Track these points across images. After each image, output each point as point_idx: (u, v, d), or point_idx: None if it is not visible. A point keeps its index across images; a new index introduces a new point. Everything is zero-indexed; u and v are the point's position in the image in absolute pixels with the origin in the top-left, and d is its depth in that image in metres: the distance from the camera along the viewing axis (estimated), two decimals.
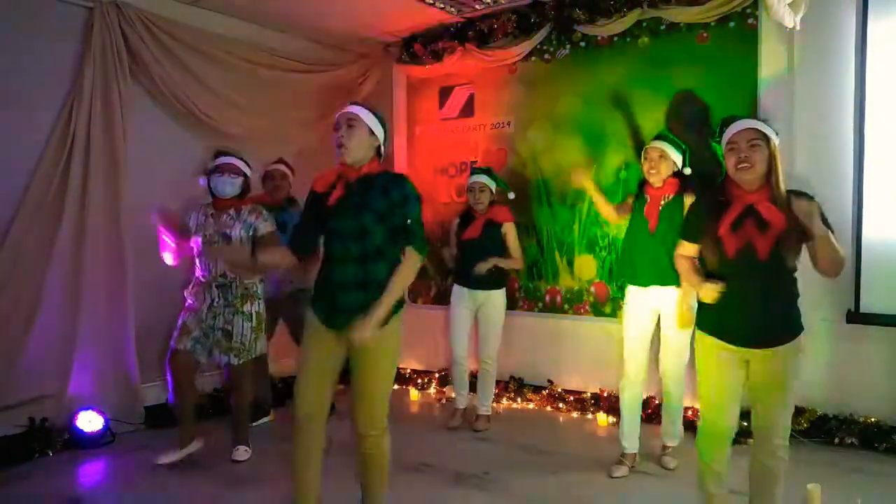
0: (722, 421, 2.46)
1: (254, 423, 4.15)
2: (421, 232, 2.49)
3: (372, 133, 2.51)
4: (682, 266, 2.59)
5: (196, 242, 3.59)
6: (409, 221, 2.45)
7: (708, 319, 2.49)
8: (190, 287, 3.69)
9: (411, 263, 2.47)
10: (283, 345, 4.51)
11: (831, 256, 2.27)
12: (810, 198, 2.35)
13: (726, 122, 2.46)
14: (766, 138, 2.34)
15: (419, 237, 2.48)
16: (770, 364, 2.37)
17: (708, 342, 2.47)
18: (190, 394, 3.63)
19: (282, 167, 4.48)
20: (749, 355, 2.40)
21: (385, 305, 2.40)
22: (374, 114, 2.54)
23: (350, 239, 2.44)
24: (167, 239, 3.51)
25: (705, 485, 2.53)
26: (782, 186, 2.34)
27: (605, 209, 3.77)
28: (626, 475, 3.46)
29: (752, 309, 2.36)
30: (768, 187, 2.34)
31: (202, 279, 3.61)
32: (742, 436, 2.79)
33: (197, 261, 3.63)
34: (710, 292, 2.36)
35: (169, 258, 3.57)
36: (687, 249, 2.58)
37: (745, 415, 2.57)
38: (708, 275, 2.47)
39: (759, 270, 2.33)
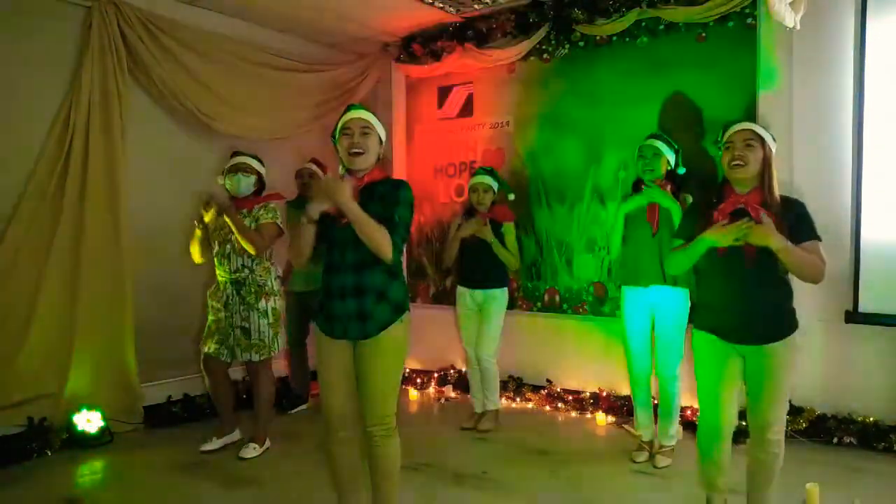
0: (720, 417, 2.49)
1: (292, 411, 4.66)
2: (402, 233, 2.43)
3: (380, 141, 2.54)
4: (680, 250, 2.52)
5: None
6: (396, 218, 2.40)
7: (702, 317, 2.55)
8: (212, 288, 3.77)
9: (386, 236, 2.34)
10: None
11: (796, 270, 2.32)
12: (800, 204, 2.44)
13: (727, 126, 2.52)
14: (762, 140, 2.41)
15: (399, 235, 2.40)
16: (762, 359, 2.41)
17: (703, 340, 2.52)
18: (223, 391, 3.83)
19: (312, 166, 4.64)
20: (744, 351, 2.45)
21: (346, 193, 2.30)
22: (379, 120, 2.55)
23: (348, 246, 2.44)
24: None
25: (708, 481, 2.55)
26: (776, 190, 2.40)
27: None
28: (647, 459, 3.59)
29: (742, 307, 2.41)
30: (761, 189, 2.40)
31: (219, 277, 3.69)
32: (742, 435, 2.80)
33: (215, 260, 3.69)
34: (729, 229, 2.31)
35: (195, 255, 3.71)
36: None
37: (742, 414, 2.59)
38: (704, 274, 2.50)
39: (747, 270, 2.37)
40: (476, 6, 4.95)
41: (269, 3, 4.65)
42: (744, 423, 2.65)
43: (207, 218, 3.63)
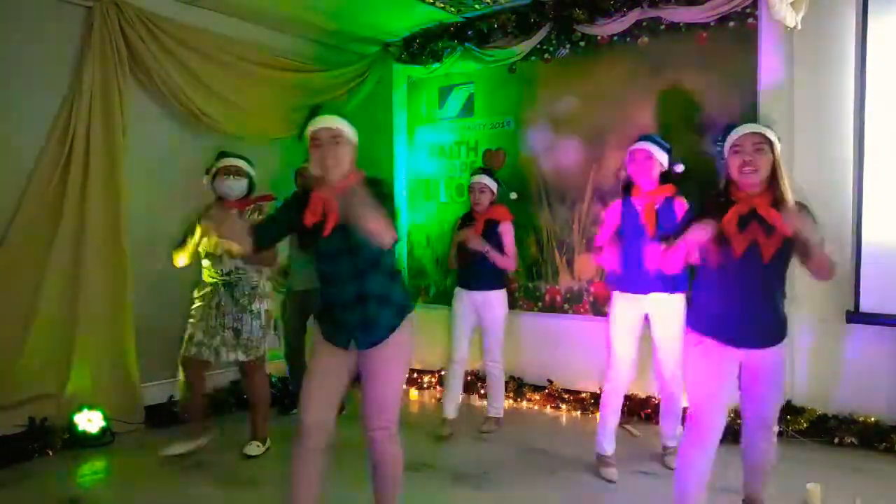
0: (716, 421, 2.46)
1: (292, 411, 4.46)
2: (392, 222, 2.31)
3: (352, 146, 2.43)
4: (677, 243, 2.38)
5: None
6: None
7: (703, 320, 2.50)
8: (197, 290, 3.73)
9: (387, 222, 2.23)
10: None
11: (828, 261, 2.34)
12: (808, 209, 2.41)
13: (730, 128, 2.46)
14: (771, 143, 2.36)
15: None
16: (764, 362, 2.45)
17: (705, 343, 2.47)
18: (198, 393, 3.77)
19: None
20: (741, 354, 2.45)
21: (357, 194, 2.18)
22: (349, 122, 2.43)
23: (341, 257, 2.39)
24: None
25: (685, 482, 2.51)
26: (788, 192, 2.34)
27: None
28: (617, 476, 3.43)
29: (753, 310, 2.39)
30: (770, 192, 2.36)
31: (211, 279, 3.66)
32: (739, 435, 2.79)
33: (206, 261, 3.67)
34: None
35: (183, 259, 3.66)
36: None
37: (736, 413, 2.61)
38: (707, 275, 2.48)
39: (760, 272, 2.36)
40: (476, 6, 4.96)
41: (269, 3, 4.66)
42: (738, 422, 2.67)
43: (209, 246, 3.60)
